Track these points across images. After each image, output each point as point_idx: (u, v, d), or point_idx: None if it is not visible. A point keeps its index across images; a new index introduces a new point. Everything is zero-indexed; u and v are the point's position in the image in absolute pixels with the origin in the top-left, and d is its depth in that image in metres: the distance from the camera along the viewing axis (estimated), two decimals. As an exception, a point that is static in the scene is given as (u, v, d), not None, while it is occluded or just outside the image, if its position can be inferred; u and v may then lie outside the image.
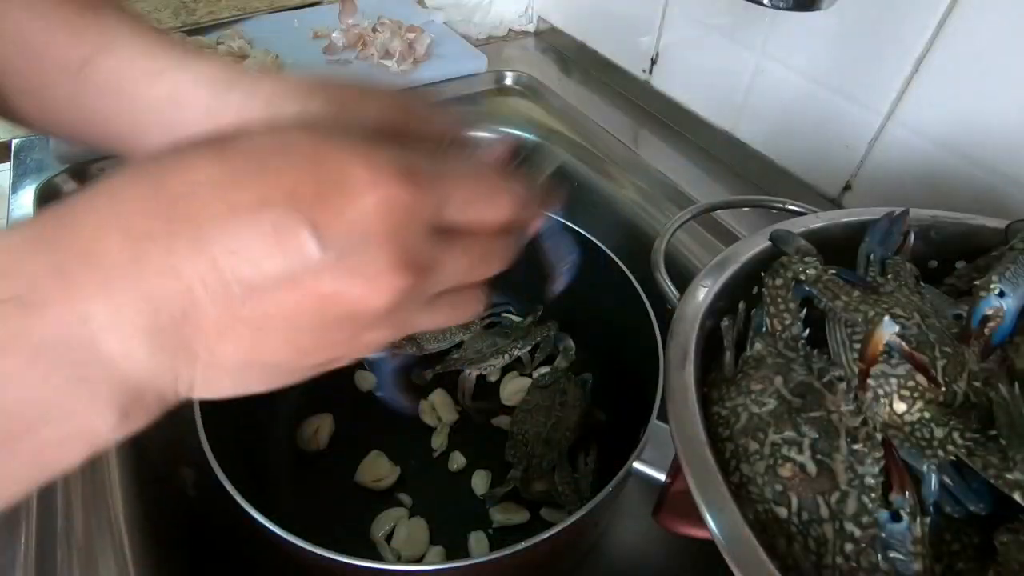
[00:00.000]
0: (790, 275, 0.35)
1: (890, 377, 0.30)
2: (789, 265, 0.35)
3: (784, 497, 0.27)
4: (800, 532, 0.27)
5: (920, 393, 0.29)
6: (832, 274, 0.35)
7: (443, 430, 0.59)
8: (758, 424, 0.29)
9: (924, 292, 0.35)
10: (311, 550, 0.34)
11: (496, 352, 0.62)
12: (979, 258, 0.38)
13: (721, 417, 0.31)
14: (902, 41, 0.49)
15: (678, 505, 0.34)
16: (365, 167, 0.19)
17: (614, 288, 0.52)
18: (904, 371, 0.30)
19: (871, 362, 0.30)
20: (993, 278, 0.31)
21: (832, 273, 0.35)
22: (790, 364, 0.32)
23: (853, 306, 0.33)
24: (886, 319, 0.30)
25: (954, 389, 0.30)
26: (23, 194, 0.59)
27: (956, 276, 0.38)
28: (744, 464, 0.29)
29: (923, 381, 0.30)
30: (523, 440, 0.55)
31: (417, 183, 0.20)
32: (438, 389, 0.61)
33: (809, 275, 0.35)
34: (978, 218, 0.39)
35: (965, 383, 0.30)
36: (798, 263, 0.35)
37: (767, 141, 0.63)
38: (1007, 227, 0.38)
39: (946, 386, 0.30)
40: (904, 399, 0.29)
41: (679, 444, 0.28)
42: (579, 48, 0.85)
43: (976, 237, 0.39)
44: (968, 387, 0.30)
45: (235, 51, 0.74)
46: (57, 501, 0.39)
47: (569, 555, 0.50)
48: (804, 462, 0.28)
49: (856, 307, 0.33)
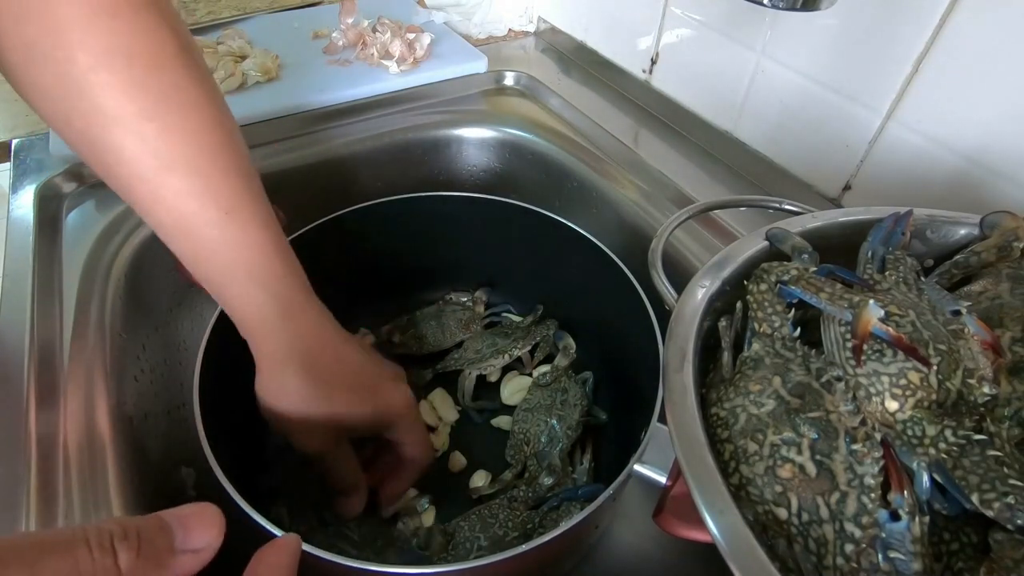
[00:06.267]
0: (773, 278, 0.35)
1: (881, 375, 0.30)
2: (771, 269, 0.35)
3: (784, 498, 0.27)
4: (800, 533, 0.27)
5: (912, 391, 0.29)
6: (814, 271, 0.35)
7: (443, 430, 0.59)
8: (757, 425, 0.29)
9: (924, 288, 0.35)
10: (311, 552, 0.34)
11: (496, 352, 0.62)
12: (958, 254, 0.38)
13: (720, 418, 0.31)
14: (902, 41, 0.49)
15: (679, 508, 0.34)
16: None
17: (614, 288, 0.52)
18: (896, 369, 0.30)
19: (863, 338, 0.30)
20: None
21: (829, 271, 0.35)
22: (788, 364, 0.32)
23: (837, 295, 0.33)
24: (871, 302, 0.30)
25: (948, 387, 0.30)
26: (23, 194, 0.59)
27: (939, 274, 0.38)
28: (743, 465, 0.29)
29: (915, 379, 0.29)
30: (524, 440, 0.55)
31: None
32: (438, 389, 0.61)
33: (792, 275, 0.34)
34: (975, 217, 0.39)
35: (959, 381, 0.30)
36: (779, 266, 0.35)
37: (767, 141, 0.63)
38: (981, 220, 0.38)
39: (939, 384, 0.30)
40: (896, 397, 0.29)
41: (679, 447, 0.28)
42: (579, 48, 0.85)
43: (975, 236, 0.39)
44: (963, 385, 0.30)
45: (235, 51, 0.74)
46: (58, 501, 0.39)
47: (569, 557, 0.50)
48: (803, 463, 0.28)
49: (840, 296, 0.32)
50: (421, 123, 0.73)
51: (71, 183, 0.61)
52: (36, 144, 0.64)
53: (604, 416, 0.58)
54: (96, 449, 0.42)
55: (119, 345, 0.50)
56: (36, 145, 0.64)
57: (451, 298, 0.68)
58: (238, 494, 0.36)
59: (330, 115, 0.71)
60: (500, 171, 0.76)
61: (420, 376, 0.62)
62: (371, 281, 0.65)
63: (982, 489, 0.26)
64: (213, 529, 0.21)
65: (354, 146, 0.70)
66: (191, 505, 0.21)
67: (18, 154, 0.64)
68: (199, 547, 0.20)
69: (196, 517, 0.21)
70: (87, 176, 0.62)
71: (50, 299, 0.50)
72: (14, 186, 0.60)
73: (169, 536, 0.20)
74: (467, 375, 0.61)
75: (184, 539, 0.20)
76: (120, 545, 0.18)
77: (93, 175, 0.62)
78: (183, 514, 0.21)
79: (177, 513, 0.21)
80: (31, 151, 0.64)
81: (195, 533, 0.20)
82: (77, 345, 0.47)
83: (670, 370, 0.31)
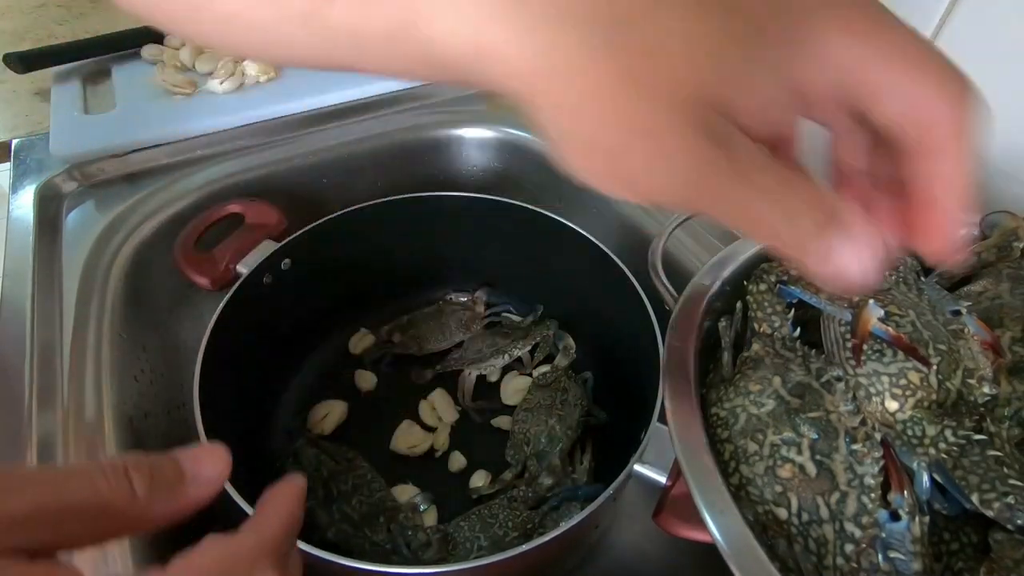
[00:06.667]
0: (773, 278, 0.35)
1: (881, 375, 0.30)
2: (771, 269, 0.35)
3: (784, 498, 0.27)
4: (800, 533, 0.27)
5: (912, 391, 0.29)
6: None
7: (443, 430, 0.59)
8: (757, 425, 0.29)
9: (923, 288, 0.35)
10: (311, 552, 0.34)
11: (496, 352, 0.62)
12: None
13: (720, 418, 0.31)
14: (902, 41, 0.49)
15: (679, 508, 0.34)
16: None
17: (614, 288, 0.52)
18: (896, 369, 0.30)
19: (863, 338, 0.30)
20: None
21: None
22: (788, 364, 0.32)
23: (837, 295, 0.33)
24: (871, 302, 0.30)
25: (947, 387, 0.30)
26: (23, 194, 0.59)
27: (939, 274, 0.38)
28: (744, 465, 0.29)
29: (915, 379, 0.30)
30: (524, 440, 0.55)
31: None
32: (438, 389, 0.61)
33: (792, 274, 0.35)
34: (975, 217, 0.39)
35: (959, 381, 0.30)
36: (779, 266, 0.35)
37: (767, 141, 0.63)
38: (981, 220, 0.38)
39: (939, 384, 0.30)
40: (896, 397, 0.29)
41: (679, 448, 0.28)
42: (579, 47, 0.84)
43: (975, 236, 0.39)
44: (963, 385, 0.30)
45: (235, 51, 0.74)
46: (57, 502, 0.39)
47: (569, 557, 0.50)
48: (803, 463, 0.28)
49: (840, 296, 0.32)
50: (421, 123, 0.73)
51: (71, 183, 0.61)
52: (36, 144, 0.64)
53: (604, 416, 0.58)
54: (96, 449, 0.42)
55: (119, 345, 0.50)
56: (36, 145, 0.64)
57: (451, 298, 0.68)
58: (238, 494, 0.36)
59: (330, 115, 0.71)
60: (500, 171, 0.76)
61: (420, 376, 0.62)
62: (371, 281, 0.65)
63: (982, 489, 0.26)
64: (220, 463, 0.23)
65: (354, 146, 0.70)
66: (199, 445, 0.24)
67: (18, 154, 0.64)
68: (209, 476, 0.23)
69: (205, 451, 0.23)
70: (87, 176, 0.62)
71: (50, 299, 0.50)
72: (14, 186, 0.60)
73: (179, 467, 0.22)
74: (467, 375, 0.61)
75: (194, 469, 0.22)
76: (134, 473, 0.21)
77: (93, 175, 0.62)
78: (192, 450, 0.23)
79: (186, 450, 0.23)
80: (31, 151, 0.64)
81: (204, 464, 0.23)
82: (77, 345, 0.47)
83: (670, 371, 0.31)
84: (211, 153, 0.65)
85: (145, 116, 0.66)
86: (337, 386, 0.61)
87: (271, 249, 0.53)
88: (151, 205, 0.60)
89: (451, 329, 0.65)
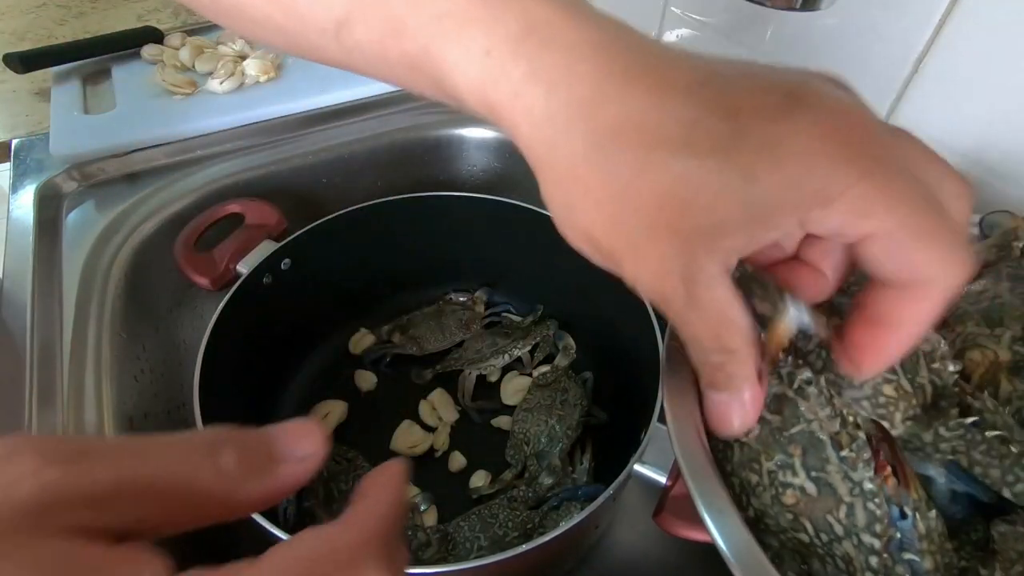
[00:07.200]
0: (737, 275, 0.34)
1: (861, 401, 0.29)
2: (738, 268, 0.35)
3: (798, 523, 0.27)
4: (827, 553, 0.27)
5: (895, 404, 0.29)
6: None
7: (443, 430, 0.59)
8: (750, 455, 0.29)
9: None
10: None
11: (496, 352, 0.62)
12: None
13: (720, 451, 0.30)
14: (902, 41, 0.49)
15: (679, 508, 0.34)
16: None
17: (614, 288, 0.52)
18: (870, 390, 0.29)
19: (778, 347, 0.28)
20: None
21: None
22: None
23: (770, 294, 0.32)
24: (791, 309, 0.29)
25: (919, 382, 0.29)
26: (23, 194, 0.59)
27: None
28: (753, 498, 0.28)
29: (890, 391, 0.29)
30: (524, 440, 0.55)
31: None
32: (438, 389, 0.61)
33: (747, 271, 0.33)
34: (975, 217, 0.39)
35: (926, 371, 0.30)
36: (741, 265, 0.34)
37: (767, 141, 0.63)
38: (981, 220, 0.38)
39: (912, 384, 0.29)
40: (883, 418, 0.29)
41: (677, 448, 0.28)
42: (579, 47, 0.85)
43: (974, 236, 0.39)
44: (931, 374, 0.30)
45: (235, 51, 0.74)
46: (57, 502, 0.39)
47: (569, 557, 0.50)
48: (802, 484, 0.27)
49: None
50: (421, 123, 0.73)
51: (71, 183, 0.61)
52: (36, 144, 0.64)
53: (604, 416, 0.58)
54: (96, 449, 0.42)
55: (119, 345, 0.50)
56: (36, 145, 0.64)
57: (451, 298, 0.68)
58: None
59: (330, 115, 0.71)
60: (500, 171, 0.76)
61: (420, 376, 0.62)
62: (371, 281, 0.65)
63: (1007, 481, 0.26)
64: (316, 441, 0.20)
65: (354, 146, 0.70)
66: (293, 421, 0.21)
67: (18, 154, 0.64)
68: (304, 455, 0.20)
69: (298, 426, 0.21)
70: (87, 176, 0.62)
71: (50, 299, 0.50)
72: (14, 186, 0.60)
73: (270, 444, 0.20)
74: (467, 375, 0.61)
75: (287, 447, 0.20)
76: (221, 448, 0.19)
77: (93, 175, 0.62)
78: (284, 425, 0.21)
79: (277, 426, 0.21)
80: (31, 151, 0.64)
81: (298, 441, 0.20)
82: (77, 345, 0.47)
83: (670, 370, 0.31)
84: (211, 153, 0.65)
85: (145, 116, 0.66)
86: (337, 386, 0.61)
87: (271, 249, 0.53)
88: (151, 205, 0.60)
89: (451, 329, 0.65)
